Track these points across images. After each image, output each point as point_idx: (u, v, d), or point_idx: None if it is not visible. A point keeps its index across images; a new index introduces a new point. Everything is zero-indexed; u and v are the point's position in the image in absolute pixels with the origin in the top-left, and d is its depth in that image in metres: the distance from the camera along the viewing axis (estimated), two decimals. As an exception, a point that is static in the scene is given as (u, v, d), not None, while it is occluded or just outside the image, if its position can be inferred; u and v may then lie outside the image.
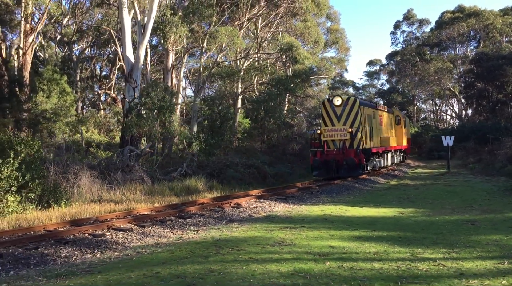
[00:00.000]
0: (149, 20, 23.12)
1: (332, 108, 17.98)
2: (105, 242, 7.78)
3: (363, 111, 18.09)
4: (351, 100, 17.99)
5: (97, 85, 46.87)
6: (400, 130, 25.46)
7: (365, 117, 18.30)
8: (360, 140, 17.48)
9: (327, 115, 18.06)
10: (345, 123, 17.68)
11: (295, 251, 6.86)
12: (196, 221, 9.68)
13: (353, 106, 17.76)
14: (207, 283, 5.36)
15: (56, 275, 5.94)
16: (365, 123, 18.15)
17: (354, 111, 17.70)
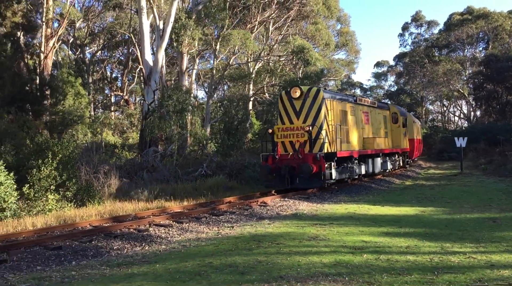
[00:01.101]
0: (168, 25, 23.76)
1: (290, 102, 14.65)
2: (150, 236, 8.33)
3: (331, 105, 14.82)
4: (313, 92, 14.50)
5: (107, 87, 47.63)
6: (398, 130, 21.73)
7: (334, 113, 15.01)
8: (323, 142, 14.12)
9: (284, 110, 14.75)
10: (305, 121, 14.27)
11: (331, 245, 7.37)
12: (228, 218, 10.21)
13: (315, 99, 14.38)
14: (257, 271, 5.88)
15: (117, 265, 6.49)
16: (334, 121, 14.85)
17: (317, 106, 14.33)
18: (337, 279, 5.48)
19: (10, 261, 6.57)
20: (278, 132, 14.44)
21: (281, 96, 15.02)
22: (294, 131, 14.20)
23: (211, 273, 5.85)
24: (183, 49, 29.48)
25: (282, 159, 13.97)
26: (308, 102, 14.47)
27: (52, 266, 6.61)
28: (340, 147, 15.05)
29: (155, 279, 5.66)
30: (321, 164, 13.53)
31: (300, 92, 14.52)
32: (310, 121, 14.27)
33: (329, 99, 14.90)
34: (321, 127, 14.27)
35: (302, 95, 14.49)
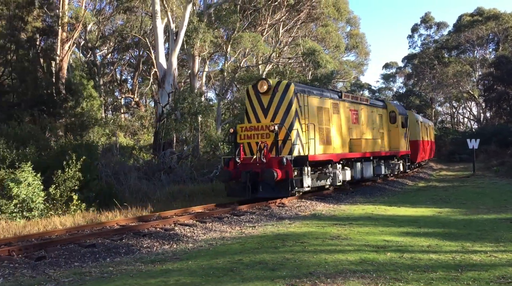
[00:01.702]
0: (182, 28, 24.14)
1: (257, 98, 12.93)
2: (177, 235, 8.62)
3: (304, 101, 13.01)
4: (282, 86, 12.73)
5: (117, 89, 48.19)
6: (396, 130, 19.52)
7: (310, 110, 13.15)
8: (294, 144, 12.35)
9: (251, 107, 13.05)
10: (273, 119, 12.61)
11: (353, 244, 7.61)
12: (249, 218, 10.48)
13: (285, 94, 12.59)
14: (287, 268, 6.14)
15: (151, 261, 6.78)
16: (307, 120, 12.92)
17: (287, 102, 12.55)
18: (364, 275, 5.72)
19: (48, 258, 6.89)
20: (242, 132, 12.62)
21: (248, 91, 13.25)
22: (259, 131, 12.31)
23: (242, 269, 6.12)
24: (195, 51, 29.86)
25: (245, 164, 12.14)
26: (277, 97, 12.64)
27: (89, 263, 6.92)
28: (317, 149, 13.32)
29: (191, 274, 5.94)
30: (288, 170, 11.60)
31: (268, 86, 12.66)
32: (279, 119, 12.45)
33: (302, 95, 12.98)
34: (292, 127, 12.39)
35: (271, 90, 12.67)
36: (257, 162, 12.02)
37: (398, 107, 20.75)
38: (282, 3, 33.25)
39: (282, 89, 12.69)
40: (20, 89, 15.30)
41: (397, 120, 19.59)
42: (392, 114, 19.69)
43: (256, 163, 12.01)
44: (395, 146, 19.40)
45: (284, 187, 11.72)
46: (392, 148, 19.26)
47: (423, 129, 25.68)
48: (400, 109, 20.74)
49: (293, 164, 11.90)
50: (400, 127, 19.70)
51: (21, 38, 15.71)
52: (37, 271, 6.39)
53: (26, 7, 15.21)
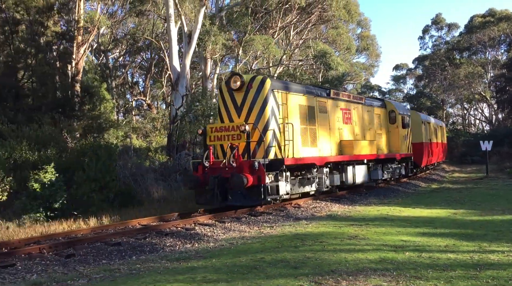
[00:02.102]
0: (195, 31, 24.45)
1: (230, 95, 11.82)
2: (198, 235, 8.86)
3: (283, 99, 11.92)
4: (257, 82, 11.53)
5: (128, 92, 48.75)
6: (396, 131, 18.21)
7: (289, 109, 12.13)
8: (269, 146, 11.27)
9: (223, 106, 11.94)
10: (247, 118, 11.45)
11: (371, 244, 7.77)
12: (266, 219, 10.68)
13: (260, 91, 11.42)
14: (308, 266, 6.33)
15: (176, 259, 7.01)
16: (287, 119, 11.91)
17: (261, 99, 11.39)
18: (385, 274, 5.89)
19: (77, 255, 7.16)
20: (212, 133, 11.40)
21: (221, 88, 12.18)
22: (230, 132, 11.10)
23: (265, 267, 6.32)
24: (207, 54, 30.18)
25: (214, 168, 11.04)
26: (251, 94, 11.48)
27: (116, 260, 7.18)
28: (299, 151, 12.21)
29: (216, 271, 6.16)
30: (261, 174, 10.44)
31: (241, 82, 11.51)
32: (253, 119, 11.32)
33: (280, 91, 11.87)
34: (267, 127, 11.26)
35: (244, 86, 11.53)
36: (226, 166, 10.81)
37: (399, 107, 19.38)
38: (293, 6, 33.49)
39: (256, 86, 11.46)
40: (41, 92, 15.72)
41: (397, 120, 18.28)
42: (392, 114, 18.41)
43: (226, 168, 10.81)
44: (395, 148, 18.15)
45: (256, 194, 10.56)
46: (392, 150, 18.06)
47: (430, 130, 24.24)
48: (401, 108, 19.38)
49: (268, 168, 10.69)
50: (401, 128, 18.39)
51: (41, 43, 16.13)
52: (68, 268, 6.66)
53: (46, 12, 15.62)
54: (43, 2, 15.14)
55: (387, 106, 18.65)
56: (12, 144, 12.89)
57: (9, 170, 12.21)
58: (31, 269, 6.44)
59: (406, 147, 18.90)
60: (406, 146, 18.95)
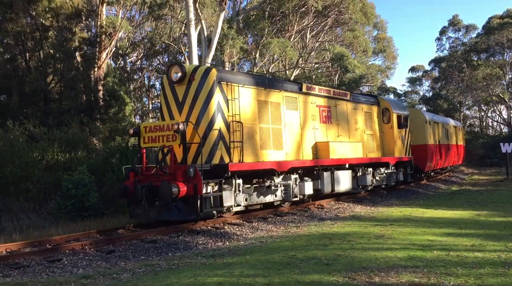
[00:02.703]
0: (215, 35, 24.89)
1: (171, 89, 10.16)
2: (227, 234, 9.17)
3: (235, 93, 10.17)
4: (200, 73, 9.87)
5: (145, 95, 49.53)
6: (391, 132, 16.26)
7: (243, 104, 10.36)
8: (215, 148, 9.59)
9: (165, 102, 10.32)
10: (189, 116, 9.79)
11: (399, 243, 7.98)
12: (291, 219, 10.95)
13: (203, 84, 9.76)
14: (340, 263, 6.58)
15: (211, 256, 7.33)
16: (239, 117, 10.11)
17: (205, 93, 9.73)
18: (416, 270, 6.11)
19: (117, 251, 7.53)
20: (145, 133, 9.73)
21: (162, 82, 10.55)
22: (165, 131, 9.35)
23: (299, 263, 6.60)
24: (225, 57, 30.63)
25: (146, 175, 9.44)
26: (193, 88, 9.83)
27: (153, 256, 7.53)
28: (256, 155, 10.48)
29: (252, 267, 6.45)
30: (197, 183, 8.78)
31: (182, 74, 9.87)
32: (195, 116, 9.70)
33: (231, 84, 10.14)
34: (211, 126, 9.56)
35: (186, 78, 9.88)
36: (157, 173, 9.13)
37: (394, 104, 17.30)
38: (310, 9, 33.75)
39: (199, 77, 9.79)
40: (70, 96, 16.31)
41: (392, 119, 16.33)
42: (386, 112, 16.43)
43: (157, 175, 9.14)
44: (389, 151, 16.19)
45: (189, 207, 8.95)
46: (386, 153, 16.13)
47: (439, 131, 22.01)
48: (397, 106, 17.34)
49: (209, 175, 9.16)
50: (396, 129, 16.39)
51: (69, 48, 16.74)
52: (110, 263, 7.03)
53: (74, 18, 16.20)
54: (71, 9, 15.71)
55: (381, 103, 16.60)
56: (44, 146, 13.41)
57: (42, 171, 12.71)
58: (77, 264, 6.83)
59: (403, 149, 16.91)
60: (404, 148, 17.00)
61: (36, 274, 6.27)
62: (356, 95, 15.99)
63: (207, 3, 26.99)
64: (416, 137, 18.74)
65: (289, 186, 11.29)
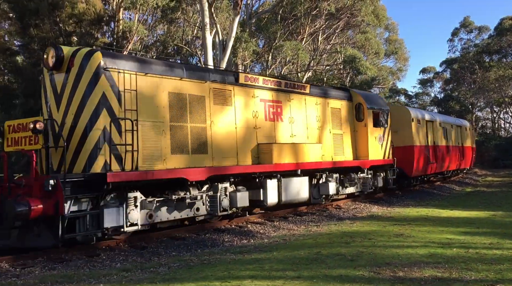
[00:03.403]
0: (230, 39, 25.34)
1: (50, 78, 8.43)
2: (251, 232, 9.54)
3: (129, 83, 8.31)
4: (79, 57, 8.05)
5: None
6: (364, 130, 13.93)
7: (142, 98, 8.46)
8: (96, 153, 7.79)
9: (44, 94, 8.65)
10: (67, 111, 8.08)
11: (418, 241, 8.27)
12: (311, 218, 11.28)
13: (83, 71, 7.98)
14: (364, 259, 6.90)
15: (239, 252, 7.70)
16: (135, 113, 8.25)
17: (85, 82, 8.00)
18: (438, 266, 6.41)
19: (150, 248, 7.93)
20: (9, 134, 8.08)
21: (43, 70, 8.76)
22: (28, 132, 7.69)
23: (324, 259, 6.94)
24: (238, 60, 31.08)
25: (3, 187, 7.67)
26: (72, 76, 8.08)
27: (184, 252, 7.92)
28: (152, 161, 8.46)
29: (280, 262, 6.80)
30: (59, 199, 7.05)
31: (58, 58, 8.06)
32: (72, 112, 7.98)
33: (124, 71, 8.23)
34: (92, 124, 7.80)
35: (65, 64, 8.12)
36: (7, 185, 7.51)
37: (370, 99, 14.81)
38: (322, 12, 34.06)
39: (79, 62, 7.99)
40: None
41: (365, 116, 13.93)
42: (359, 107, 14.11)
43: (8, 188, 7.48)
44: (363, 153, 13.93)
45: (45, 230, 7.27)
46: (360, 155, 13.93)
47: (435, 131, 19.40)
48: (373, 101, 14.76)
49: (81, 188, 7.37)
50: (371, 127, 14.10)
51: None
52: (144, 258, 7.43)
53: (96, 24, 16.73)
54: (94, 15, 16.23)
55: (354, 98, 14.23)
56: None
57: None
58: (114, 259, 7.24)
59: (380, 151, 14.56)
60: (382, 150, 14.66)
61: (78, 267, 6.68)
62: (320, 88, 13.88)
63: (222, 7, 27.44)
64: (401, 137, 16.68)
65: (216, 197, 9.38)
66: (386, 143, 15.02)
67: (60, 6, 15.30)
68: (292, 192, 11.18)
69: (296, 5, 33.27)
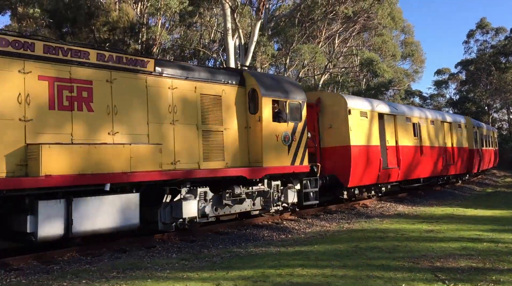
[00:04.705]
0: (251, 43, 26.01)
1: None
2: (287, 228, 10.14)
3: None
4: None
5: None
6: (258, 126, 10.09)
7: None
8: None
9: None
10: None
11: (449, 236, 8.78)
12: (340, 216, 11.83)
13: None
14: (400, 252, 7.46)
15: (281, 245, 8.30)
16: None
17: None
18: (471, 258, 6.94)
19: (198, 241, 8.58)
20: None
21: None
22: None
23: (364, 251, 7.50)
24: (257, 64, 31.79)
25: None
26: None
27: (228, 245, 8.53)
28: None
29: (323, 254, 7.39)
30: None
31: None
32: None
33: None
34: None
35: None
36: None
37: (269, 83, 10.63)
38: (339, 15, 34.55)
39: None
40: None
41: (259, 108, 9.99)
42: (254, 96, 10.14)
43: None
44: (256, 158, 10.04)
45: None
46: (254, 160, 10.05)
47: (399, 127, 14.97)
48: (273, 87, 10.50)
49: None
50: (268, 122, 10.08)
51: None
52: (195, 250, 8.07)
53: (129, 31, 17.55)
54: (127, 23, 17.04)
55: (247, 82, 10.20)
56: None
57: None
58: (169, 250, 7.89)
59: (288, 155, 10.48)
60: (291, 154, 10.55)
61: (140, 257, 7.35)
62: (183, 67, 9.48)
63: (244, 12, 28.13)
64: (335, 135, 12.74)
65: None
66: (299, 143, 10.74)
67: (96, 15, 16.12)
68: (98, 218, 7.39)
69: (314, 8, 33.83)
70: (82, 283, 5.77)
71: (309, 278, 5.89)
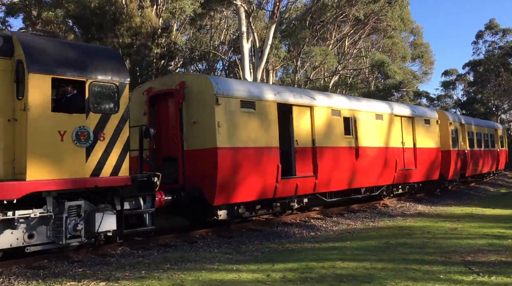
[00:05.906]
0: (266, 47, 26.50)
1: None
2: (315, 226, 10.57)
3: None
4: None
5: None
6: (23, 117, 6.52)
7: None
8: None
9: None
10: None
11: (473, 233, 9.18)
12: (364, 216, 12.24)
13: None
14: (430, 247, 7.87)
15: (313, 241, 8.74)
16: None
17: None
18: (500, 252, 7.34)
19: (235, 237, 9.05)
20: None
21: None
22: None
23: (395, 247, 7.93)
24: (269, 66, 32.28)
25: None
26: None
27: (263, 241, 8.97)
28: None
29: (357, 250, 7.82)
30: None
31: None
32: None
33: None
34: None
35: None
36: None
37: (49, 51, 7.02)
38: (349, 18, 34.94)
39: None
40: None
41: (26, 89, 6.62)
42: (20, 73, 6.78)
43: None
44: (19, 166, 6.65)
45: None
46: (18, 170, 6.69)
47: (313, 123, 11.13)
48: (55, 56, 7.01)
49: None
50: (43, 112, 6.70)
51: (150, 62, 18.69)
52: (233, 246, 8.52)
53: (151, 36, 18.05)
54: (150, 28, 17.54)
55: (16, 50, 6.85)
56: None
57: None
58: (209, 245, 8.36)
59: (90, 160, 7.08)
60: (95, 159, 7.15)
61: (185, 251, 7.83)
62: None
63: (259, 16, 28.62)
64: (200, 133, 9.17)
65: None
66: (111, 144, 7.36)
67: (120, 20, 16.62)
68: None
69: (324, 11, 34.24)
70: (142, 273, 6.24)
71: (352, 270, 6.33)
